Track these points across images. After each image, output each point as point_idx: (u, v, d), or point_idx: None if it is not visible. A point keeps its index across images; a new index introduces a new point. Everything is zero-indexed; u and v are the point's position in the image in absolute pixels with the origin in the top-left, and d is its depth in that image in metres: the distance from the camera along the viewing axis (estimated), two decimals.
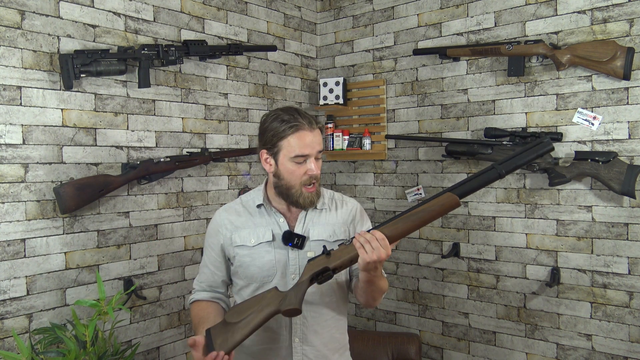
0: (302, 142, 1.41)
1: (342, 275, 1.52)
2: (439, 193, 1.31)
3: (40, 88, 2.03)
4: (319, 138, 1.46)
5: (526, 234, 2.56)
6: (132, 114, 2.33)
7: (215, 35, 2.70)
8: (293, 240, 1.46)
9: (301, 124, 1.41)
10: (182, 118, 2.54)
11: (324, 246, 1.35)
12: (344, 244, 1.33)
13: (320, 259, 1.33)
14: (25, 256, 1.98)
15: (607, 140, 2.32)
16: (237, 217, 1.54)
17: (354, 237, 1.31)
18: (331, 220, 1.54)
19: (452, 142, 2.66)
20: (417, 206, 1.32)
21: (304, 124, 1.41)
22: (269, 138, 1.44)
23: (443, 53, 2.71)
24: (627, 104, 2.27)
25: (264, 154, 1.48)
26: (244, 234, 1.50)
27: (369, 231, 1.31)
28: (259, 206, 1.53)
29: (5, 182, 1.94)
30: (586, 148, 2.37)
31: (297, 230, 1.50)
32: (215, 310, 1.50)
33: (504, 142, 2.49)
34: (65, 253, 2.10)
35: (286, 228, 1.49)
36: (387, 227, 1.30)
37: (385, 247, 1.27)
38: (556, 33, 2.44)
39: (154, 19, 2.42)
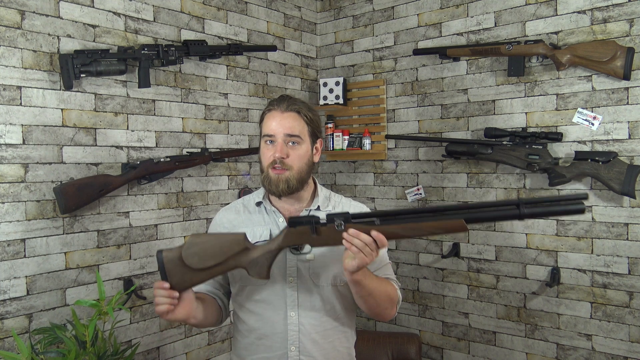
0: (269, 122, 1.40)
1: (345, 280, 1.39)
2: (451, 209, 1.17)
3: (40, 88, 2.03)
4: (290, 122, 1.40)
5: (526, 234, 2.55)
6: (132, 114, 2.33)
7: (215, 35, 2.70)
8: None
9: (274, 107, 1.41)
10: (182, 118, 2.54)
11: (312, 221, 1.23)
12: (334, 225, 1.21)
13: (305, 232, 1.24)
14: (25, 256, 1.98)
15: (607, 140, 2.32)
16: (236, 216, 1.49)
17: (342, 225, 1.20)
18: None
19: (452, 142, 2.66)
20: (427, 213, 1.19)
21: (276, 107, 1.41)
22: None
23: (443, 53, 2.71)
24: (627, 104, 2.27)
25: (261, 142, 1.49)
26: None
27: (364, 222, 1.21)
28: (258, 204, 1.48)
29: (5, 182, 1.94)
30: (586, 148, 2.37)
31: None
32: (211, 303, 1.43)
33: (504, 142, 2.50)
34: (65, 253, 2.10)
35: None
36: (389, 228, 1.19)
37: (382, 244, 1.19)
38: (556, 33, 2.44)
39: (154, 19, 2.42)
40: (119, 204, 2.28)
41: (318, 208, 1.47)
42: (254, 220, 1.46)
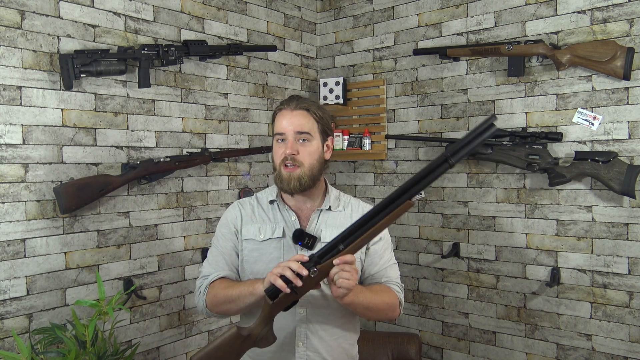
0: (280, 121, 1.45)
1: None
2: (394, 196, 1.20)
3: (40, 88, 2.03)
4: (299, 119, 1.44)
5: (526, 234, 2.55)
6: (132, 114, 2.33)
7: (215, 35, 2.70)
8: (304, 239, 1.41)
9: (284, 106, 1.46)
10: (182, 118, 2.54)
11: (293, 286, 1.22)
12: (309, 274, 1.22)
13: (289, 296, 1.24)
14: (25, 256, 1.98)
15: (607, 140, 2.32)
16: (250, 211, 1.52)
17: (316, 271, 1.22)
18: (345, 223, 1.45)
19: (452, 142, 2.66)
20: (374, 214, 1.22)
21: (286, 106, 1.46)
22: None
23: (443, 53, 2.71)
24: (627, 104, 2.27)
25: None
26: (253, 228, 1.48)
27: (328, 251, 1.24)
28: (271, 202, 1.52)
29: (5, 182, 1.94)
30: (586, 148, 2.37)
31: (309, 230, 1.46)
32: None
33: (504, 142, 2.50)
34: (65, 253, 2.10)
35: (297, 226, 1.46)
36: (355, 245, 1.22)
37: (350, 261, 1.22)
38: (556, 33, 2.44)
39: (154, 19, 2.42)
40: (119, 204, 2.28)
41: (329, 208, 1.50)
42: (267, 218, 1.50)
